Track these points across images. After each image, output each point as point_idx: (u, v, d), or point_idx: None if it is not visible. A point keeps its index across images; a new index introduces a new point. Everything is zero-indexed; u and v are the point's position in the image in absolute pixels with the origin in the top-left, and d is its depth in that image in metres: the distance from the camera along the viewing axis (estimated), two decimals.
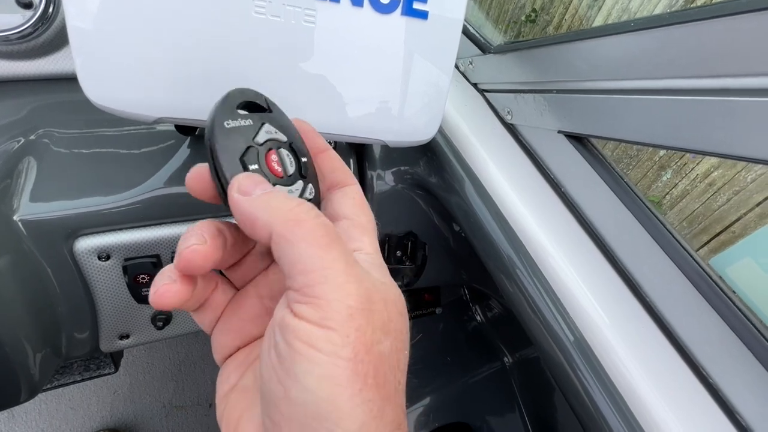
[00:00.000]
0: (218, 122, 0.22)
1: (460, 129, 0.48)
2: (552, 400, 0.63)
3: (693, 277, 0.33)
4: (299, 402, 0.17)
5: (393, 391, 0.18)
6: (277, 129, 0.24)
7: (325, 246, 0.18)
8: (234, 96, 0.24)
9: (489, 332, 0.75)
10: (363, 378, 0.17)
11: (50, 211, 0.38)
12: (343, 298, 0.18)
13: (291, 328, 0.18)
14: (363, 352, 0.17)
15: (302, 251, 0.18)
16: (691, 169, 1.81)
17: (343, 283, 0.18)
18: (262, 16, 0.31)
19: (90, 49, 0.29)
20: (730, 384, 0.31)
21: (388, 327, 0.19)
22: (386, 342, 0.18)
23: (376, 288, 0.19)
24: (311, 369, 0.17)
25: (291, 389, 0.17)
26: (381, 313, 0.19)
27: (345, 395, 0.17)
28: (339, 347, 0.17)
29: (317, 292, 0.18)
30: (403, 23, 0.34)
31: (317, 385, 0.17)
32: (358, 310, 0.18)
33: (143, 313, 0.46)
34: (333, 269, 0.18)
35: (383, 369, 0.18)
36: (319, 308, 0.18)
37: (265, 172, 0.23)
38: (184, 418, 1.19)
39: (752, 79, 0.24)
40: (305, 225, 0.19)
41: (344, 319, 0.17)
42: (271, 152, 0.23)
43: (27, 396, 0.41)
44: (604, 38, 0.32)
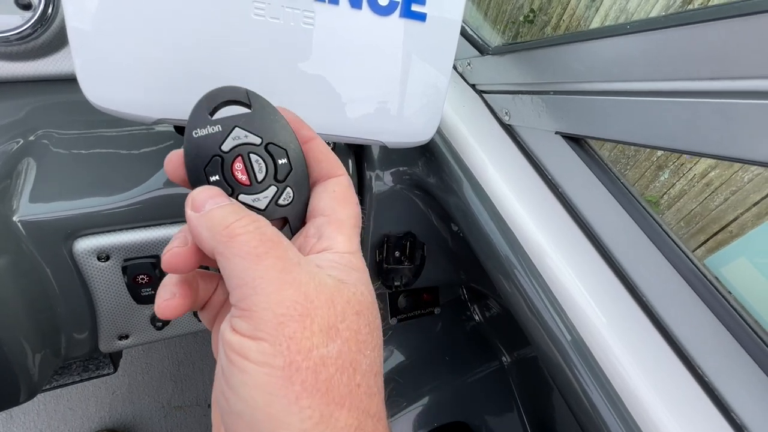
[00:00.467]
0: (188, 131, 0.22)
1: (459, 130, 0.49)
2: (550, 400, 0.63)
3: (689, 276, 0.33)
4: (238, 413, 0.17)
5: (346, 394, 0.18)
6: (251, 131, 0.23)
7: (256, 257, 0.18)
8: (209, 98, 0.23)
9: (487, 332, 0.75)
10: (300, 385, 0.17)
11: (49, 212, 0.38)
12: (273, 306, 0.18)
13: (228, 342, 0.18)
14: (299, 359, 0.17)
15: (235, 265, 0.18)
16: (688, 169, 1.82)
17: (273, 292, 0.18)
18: (261, 18, 0.31)
19: (89, 50, 0.30)
20: (726, 383, 0.32)
21: (336, 328, 0.18)
22: (333, 345, 0.18)
23: (321, 290, 0.19)
24: (245, 380, 0.17)
25: (230, 401, 0.17)
26: (324, 317, 0.18)
27: (280, 404, 0.17)
28: (270, 356, 0.17)
29: (248, 304, 0.18)
30: (402, 25, 0.34)
31: (250, 395, 0.17)
32: (291, 317, 0.18)
33: (142, 313, 0.46)
34: (264, 279, 0.18)
35: (327, 373, 0.17)
36: (250, 320, 0.18)
37: (229, 182, 0.23)
38: (183, 418, 1.19)
39: (748, 82, 0.24)
40: (238, 239, 0.19)
41: (274, 328, 0.17)
42: (237, 160, 0.23)
43: (26, 397, 0.41)
44: (601, 40, 0.32)
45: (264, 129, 0.24)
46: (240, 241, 0.19)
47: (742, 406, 0.31)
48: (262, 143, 0.24)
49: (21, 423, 1.09)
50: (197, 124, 0.23)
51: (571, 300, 0.37)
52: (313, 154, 0.25)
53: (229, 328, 0.18)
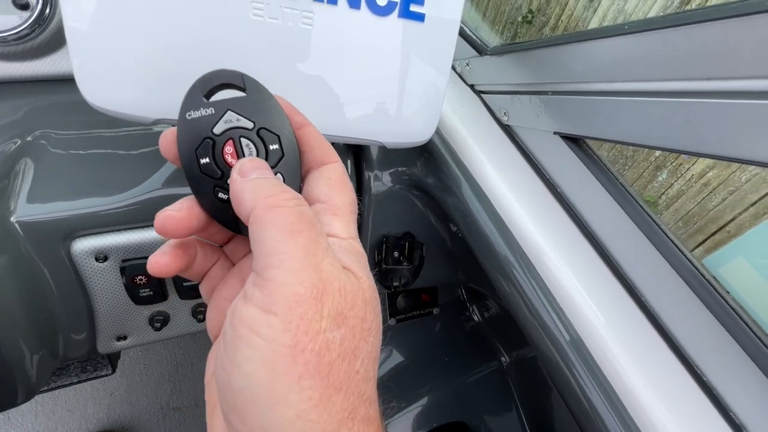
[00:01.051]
0: (182, 113, 0.23)
1: (457, 130, 0.49)
2: (549, 400, 0.63)
3: (687, 276, 0.34)
4: (238, 388, 0.17)
5: (345, 379, 0.18)
6: (244, 115, 0.23)
7: (291, 232, 0.19)
8: (204, 81, 0.23)
9: (486, 332, 0.75)
10: (303, 366, 0.17)
11: (47, 213, 0.38)
12: (293, 284, 0.18)
13: (238, 314, 0.18)
14: (306, 340, 0.17)
15: (268, 234, 0.19)
16: (686, 169, 1.83)
17: (296, 270, 0.18)
18: (259, 18, 0.31)
19: (87, 51, 0.29)
20: (724, 382, 0.32)
21: (344, 316, 0.19)
22: (339, 331, 0.18)
23: (335, 277, 0.19)
24: (251, 355, 0.17)
25: (232, 376, 0.17)
26: (337, 303, 0.19)
27: (282, 382, 0.17)
28: (279, 333, 0.17)
29: (271, 275, 0.18)
30: (400, 25, 0.34)
31: (254, 370, 0.17)
32: (307, 298, 0.18)
33: (141, 314, 0.46)
34: (291, 255, 0.18)
35: (330, 357, 0.18)
36: (268, 292, 0.18)
37: (219, 165, 0.23)
38: (181, 419, 1.18)
39: (745, 82, 0.24)
40: (280, 211, 0.19)
41: (289, 306, 0.17)
42: (228, 143, 0.23)
43: (24, 398, 0.41)
44: (599, 41, 0.32)
45: (257, 113, 0.24)
46: (280, 213, 0.19)
47: (739, 404, 0.31)
48: (254, 128, 0.24)
49: (18, 424, 1.09)
50: (191, 106, 0.23)
51: (570, 300, 0.37)
52: (306, 141, 0.25)
53: (242, 298, 0.19)
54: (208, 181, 0.23)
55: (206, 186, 0.23)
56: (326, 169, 0.25)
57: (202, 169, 0.23)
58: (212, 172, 0.23)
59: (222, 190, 0.23)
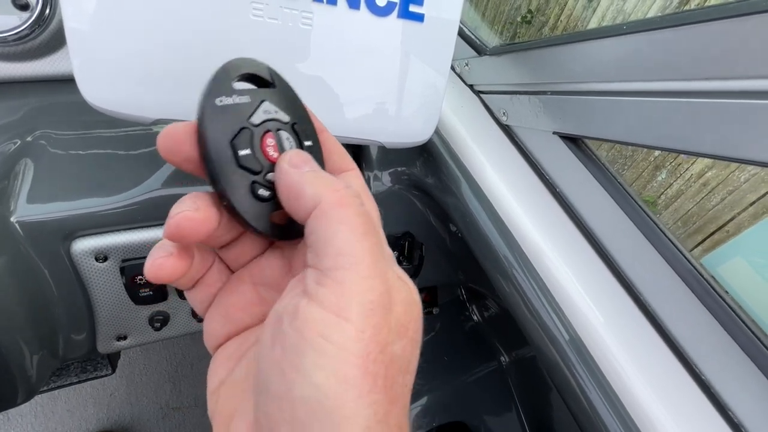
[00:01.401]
0: (209, 98, 0.19)
1: (457, 130, 0.49)
2: (548, 399, 0.63)
3: (685, 275, 0.34)
4: (302, 399, 0.16)
5: (400, 394, 0.17)
6: (280, 108, 0.21)
7: (362, 235, 0.18)
8: (232, 67, 0.21)
9: (486, 332, 0.75)
10: (373, 379, 0.16)
11: (47, 213, 0.38)
12: (365, 291, 0.17)
13: (304, 316, 0.17)
14: (376, 352, 0.16)
15: (340, 233, 0.17)
16: (685, 169, 1.83)
17: (367, 276, 0.17)
18: (259, 18, 0.31)
19: (87, 51, 0.30)
20: (722, 381, 0.32)
21: (405, 328, 0.18)
22: (400, 343, 0.18)
23: (398, 287, 0.18)
24: (321, 363, 0.16)
25: (296, 385, 0.16)
26: (400, 314, 0.18)
27: (352, 395, 0.15)
28: (352, 342, 0.16)
29: (342, 277, 0.17)
30: (400, 26, 0.34)
31: (324, 381, 0.15)
32: (378, 306, 0.17)
33: (141, 314, 0.46)
34: (362, 259, 0.17)
35: (393, 371, 0.17)
36: (339, 295, 0.17)
37: (258, 157, 0.20)
38: (181, 419, 1.18)
39: (744, 82, 0.24)
40: (350, 209, 0.18)
41: (363, 313, 0.16)
42: (267, 135, 0.21)
43: (24, 398, 0.41)
44: (598, 41, 0.32)
45: (291, 108, 0.22)
46: (351, 212, 0.18)
47: (738, 403, 0.31)
48: (289, 122, 0.22)
49: (18, 424, 1.09)
50: (221, 91, 0.20)
51: (569, 299, 0.37)
52: (325, 147, 0.24)
53: (306, 299, 0.17)
54: (247, 176, 0.20)
55: (243, 181, 0.20)
56: (347, 176, 0.24)
57: (241, 161, 0.20)
58: (252, 166, 0.20)
59: (261, 187, 0.20)
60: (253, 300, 0.23)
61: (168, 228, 0.19)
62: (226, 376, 0.22)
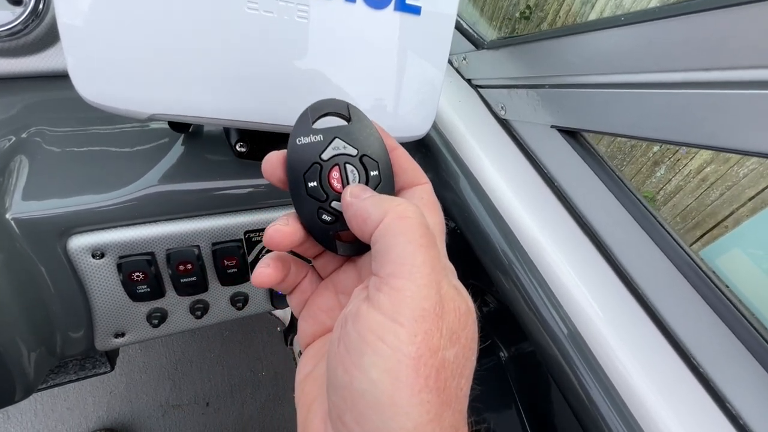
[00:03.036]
0: (292, 139, 0.25)
1: (454, 125, 0.49)
2: (547, 394, 0.63)
3: (684, 268, 0.34)
4: (361, 392, 0.18)
5: (453, 397, 0.19)
6: (349, 142, 0.25)
7: (420, 245, 0.19)
8: (313, 110, 0.25)
9: (485, 327, 0.75)
10: (424, 380, 0.17)
11: (43, 209, 0.38)
12: (419, 298, 0.18)
13: (363, 318, 0.19)
14: (427, 355, 0.18)
15: (399, 243, 0.19)
16: (684, 164, 1.83)
17: (423, 285, 0.19)
18: (254, 12, 0.31)
19: (81, 47, 0.29)
20: (721, 374, 0.32)
21: (458, 335, 0.19)
22: (452, 350, 0.19)
23: (452, 297, 0.20)
24: (376, 361, 0.18)
25: (355, 379, 0.18)
26: (452, 322, 0.19)
27: (404, 392, 0.17)
28: (405, 344, 0.18)
29: (399, 284, 0.19)
30: (396, 18, 0.34)
31: (379, 377, 0.17)
32: (430, 313, 0.18)
33: (138, 311, 0.46)
34: (420, 269, 0.19)
35: (445, 375, 0.18)
36: (394, 301, 0.18)
37: (325, 188, 0.25)
38: (181, 417, 1.19)
39: (742, 72, 0.24)
40: (409, 221, 0.20)
41: (415, 319, 0.18)
42: (334, 168, 0.25)
43: (22, 395, 0.41)
44: (595, 33, 0.32)
45: (360, 141, 0.25)
46: (410, 223, 0.20)
47: (737, 396, 0.31)
48: (357, 154, 0.25)
49: (18, 422, 1.09)
50: (301, 132, 0.25)
51: (568, 294, 0.37)
52: (398, 163, 0.26)
53: (367, 303, 0.19)
54: (313, 203, 0.25)
55: (311, 207, 0.25)
56: (418, 190, 0.26)
57: (309, 191, 0.25)
58: (318, 195, 0.25)
59: (325, 212, 0.25)
60: (335, 305, 0.27)
61: (264, 237, 0.24)
62: (311, 370, 0.25)
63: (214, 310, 0.50)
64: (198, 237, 0.43)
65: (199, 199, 0.43)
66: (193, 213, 0.43)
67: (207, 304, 0.49)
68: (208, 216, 0.44)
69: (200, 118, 0.33)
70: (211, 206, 0.44)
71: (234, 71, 0.32)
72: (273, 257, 0.26)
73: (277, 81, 0.33)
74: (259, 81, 0.33)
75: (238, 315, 0.52)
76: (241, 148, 0.43)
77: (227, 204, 0.44)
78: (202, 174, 0.43)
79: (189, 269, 0.44)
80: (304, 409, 0.23)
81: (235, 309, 0.51)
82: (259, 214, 0.46)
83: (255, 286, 0.25)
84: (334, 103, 0.26)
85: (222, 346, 1.29)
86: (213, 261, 0.45)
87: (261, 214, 0.46)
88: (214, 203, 0.43)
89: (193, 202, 0.43)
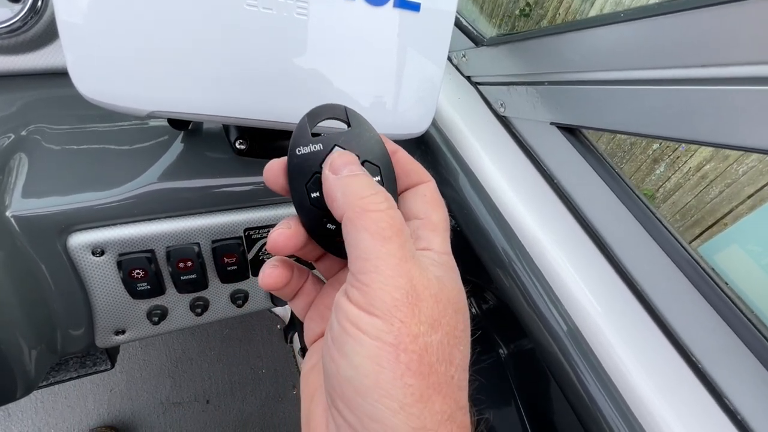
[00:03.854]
0: (291, 148, 0.24)
1: (454, 122, 0.49)
2: (547, 391, 0.63)
3: (683, 265, 0.34)
4: (347, 378, 0.18)
5: (443, 383, 0.19)
6: (349, 149, 0.25)
7: (383, 238, 0.20)
8: (311, 116, 0.25)
9: (484, 325, 0.75)
10: (406, 364, 0.18)
11: (43, 207, 0.38)
12: (389, 290, 0.19)
13: (343, 311, 0.20)
14: (407, 341, 0.18)
15: (361, 239, 0.20)
16: (684, 162, 1.83)
17: (391, 276, 0.19)
18: (253, 8, 0.31)
19: (80, 44, 0.29)
20: (719, 369, 0.32)
21: (438, 322, 0.20)
22: (435, 335, 0.19)
23: (427, 285, 0.20)
24: (358, 349, 0.18)
25: (340, 367, 0.19)
26: (430, 308, 0.20)
27: (387, 376, 0.18)
28: (384, 333, 0.18)
29: (367, 280, 0.19)
30: (396, 15, 0.34)
31: (362, 363, 0.18)
32: (404, 302, 0.19)
33: (139, 308, 0.46)
34: (385, 262, 0.19)
35: (429, 359, 0.19)
36: (366, 295, 0.19)
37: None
38: (181, 414, 1.19)
39: (740, 68, 0.24)
40: (371, 215, 0.20)
41: (389, 309, 0.19)
42: None
43: (23, 392, 0.41)
44: (594, 29, 0.32)
45: (361, 146, 0.25)
46: (371, 218, 0.20)
47: (735, 391, 0.31)
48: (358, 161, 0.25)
49: (19, 420, 1.09)
50: (300, 142, 0.24)
51: (567, 291, 0.37)
52: (401, 165, 0.26)
53: (345, 297, 0.20)
54: (318, 213, 0.25)
55: (315, 216, 0.25)
56: (422, 187, 0.26)
57: (312, 202, 0.25)
58: (321, 205, 0.24)
59: (330, 222, 0.25)
60: None
61: (268, 240, 0.24)
62: (316, 362, 0.26)
63: (214, 308, 0.50)
64: (198, 234, 0.43)
65: (199, 197, 0.43)
66: (193, 210, 0.43)
67: (207, 302, 0.49)
68: (208, 213, 0.44)
69: (200, 115, 0.33)
70: (211, 203, 0.44)
71: (233, 68, 0.32)
72: (277, 259, 0.26)
73: (277, 78, 0.33)
74: (259, 78, 0.33)
75: (238, 312, 0.52)
76: (240, 145, 0.43)
77: (227, 201, 0.44)
78: (202, 171, 0.43)
79: (189, 267, 0.44)
80: (308, 399, 0.24)
81: (235, 306, 0.51)
82: (259, 212, 0.46)
83: (263, 288, 0.26)
84: (332, 108, 0.25)
85: (222, 343, 1.29)
86: (213, 258, 0.45)
87: (261, 212, 0.46)
88: (214, 200, 0.43)
89: (193, 199, 0.43)
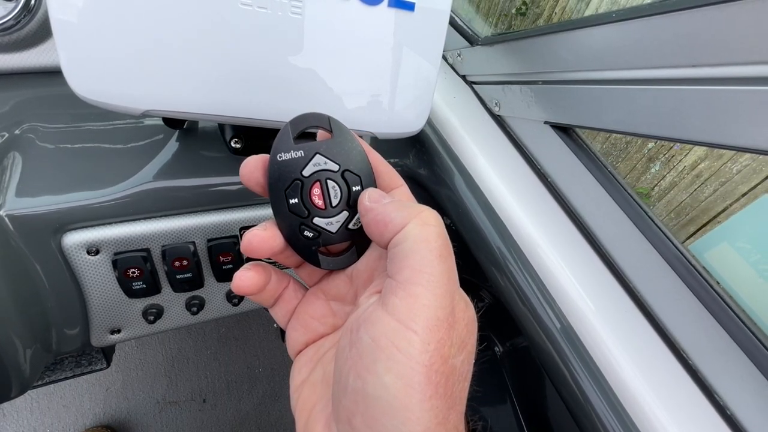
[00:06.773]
0: (273, 154, 0.24)
1: (449, 121, 0.49)
2: (542, 388, 0.64)
3: (675, 264, 0.34)
4: (374, 396, 0.18)
5: (458, 399, 0.19)
6: (330, 157, 0.25)
7: (440, 255, 0.20)
8: (295, 124, 0.25)
9: (480, 323, 0.76)
10: (434, 386, 0.18)
11: (37, 206, 0.38)
12: (435, 308, 0.19)
13: (377, 323, 0.19)
14: (439, 363, 0.18)
15: (420, 249, 0.20)
16: (678, 161, 1.84)
17: (440, 295, 0.19)
18: (248, 7, 0.31)
19: (74, 42, 0.29)
20: (710, 366, 0.32)
21: (465, 343, 0.20)
22: (460, 356, 0.20)
23: (462, 308, 0.20)
24: (390, 366, 0.18)
25: (368, 383, 0.18)
26: (461, 331, 0.20)
27: (416, 398, 0.17)
28: (418, 352, 0.18)
29: (416, 291, 0.19)
30: (391, 15, 0.34)
31: (393, 382, 0.18)
32: (444, 323, 0.19)
33: (134, 307, 0.46)
34: (438, 278, 0.19)
35: (453, 380, 0.19)
36: (410, 307, 0.19)
37: (306, 205, 0.25)
38: (177, 413, 1.19)
39: (730, 68, 0.24)
40: (432, 229, 0.20)
41: (429, 328, 0.18)
42: (315, 185, 0.25)
43: (18, 392, 0.41)
44: (588, 29, 0.32)
45: (342, 155, 0.25)
46: (431, 232, 0.20)
47: (725, 388, 0.31)
48: (339, 170, 0.25)
49: (14, 420, 1.09)
50: (281, 148, 0.24)
51: (561, 289, 0.38)
52: (374, 167, 0.26)
53: (382, 308, 0.19)
54: (295, 219, 0.25)
55: (293, 223, 0.25)
56: (396, 192, 0.27)
57: (290, 208, 0.25)
58: (299, 212, 0.25)
59: (307, 228, 0.25)
60: (326, 312, 0.27)
61: (242, 241, 0.24)
62: (307, 376, 0.25)
63: (209, 307, 0.50)
64: (193, 233, 0.43)
65: (195, 196, 0.43)
66: (189, 209, 0.43)
67: (203, 301, 0.49)
68: (204, 212, 0.44)
69: (194, 114, 0.33)
70: (207, 202, 0.44)
71: (228, 67, 0.32)
72: (251, 263, 0.26)
73: (271, 77, 0.33)
74: (253, 77, 0.33)
75: (234, 311, 0.52)
76: (236, 144, 0.43)
77: (222, 200, 0.44)
78: (197, 170, 0.43)
79: (184, 265, 0.44)
80: (304, 414, 0.23)
81: (231, 305, 0.51)
82: (254, 211, 0.46)
83: (236, 292, 0.25)
84: (315, 117, 0.25)
85: (218, 342, 1.29)
86: (208, 257, 0.45)
87: (256, 211, 0.46)
88: (209, 199, 0.43)
89: (189, 198, 0.43)
